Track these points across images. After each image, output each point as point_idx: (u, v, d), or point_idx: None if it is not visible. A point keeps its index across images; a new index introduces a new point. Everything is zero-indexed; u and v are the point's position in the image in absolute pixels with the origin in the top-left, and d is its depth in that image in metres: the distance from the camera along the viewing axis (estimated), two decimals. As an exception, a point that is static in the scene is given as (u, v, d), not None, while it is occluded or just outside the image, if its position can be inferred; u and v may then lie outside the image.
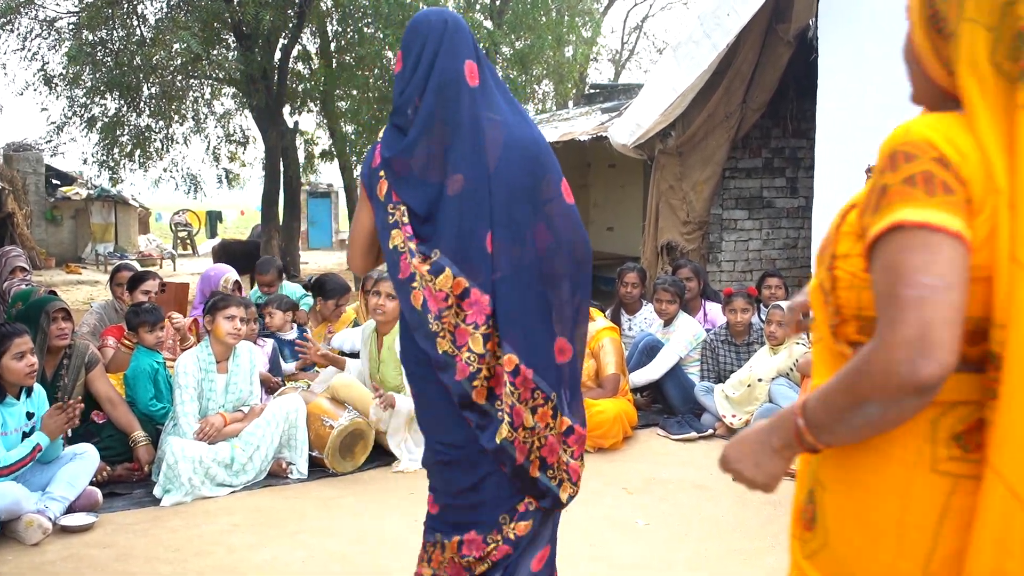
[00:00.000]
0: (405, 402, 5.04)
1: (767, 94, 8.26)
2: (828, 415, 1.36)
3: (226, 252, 16.11)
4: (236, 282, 6.55)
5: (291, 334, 6.25)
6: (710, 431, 5.88)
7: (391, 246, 2.44)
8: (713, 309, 6.92)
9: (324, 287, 6.65)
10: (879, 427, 1.33)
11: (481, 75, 2.43)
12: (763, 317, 5.98)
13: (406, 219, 2.41)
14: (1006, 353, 1.25)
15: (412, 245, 2.39)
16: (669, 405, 6.28)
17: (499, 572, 2.52)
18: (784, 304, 5.95)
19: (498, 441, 2.38)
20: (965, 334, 1.27)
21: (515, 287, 2.37)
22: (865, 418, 1.31)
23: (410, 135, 2.40)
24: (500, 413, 2.38)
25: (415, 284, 2.39)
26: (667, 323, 6.47)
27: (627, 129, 8.40)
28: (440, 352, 2.37)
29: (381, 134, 2.51)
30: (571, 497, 2.57)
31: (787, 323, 2.30)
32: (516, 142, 2.40)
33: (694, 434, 5.82)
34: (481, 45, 20.39)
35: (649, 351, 6.30)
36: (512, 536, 2.50)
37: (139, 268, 6.65)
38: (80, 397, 4.79)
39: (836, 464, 1.42)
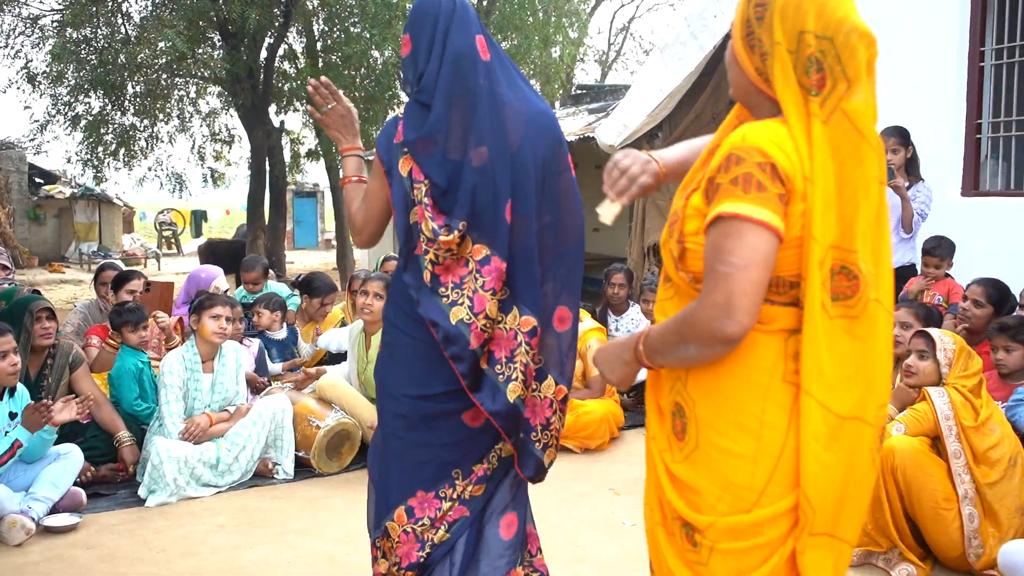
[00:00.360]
0: None
1: (754, 96, 8.28)
2: (661, 346, 1.81)
3: (212, 251, 16.06)
4: (226, 290, 6.53)
5: (280, 334, 6.23)
6: (696, 431, 5.88)
7: (411, 221, 2.48)
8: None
9: (311, 285, 6.62)
10: (695, 362, 1.78)
11: (492, 50, 2.51)
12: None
13: (427, 197, 2.45)
14: (804, 301, 1.69)
15: (434, 224, 2.43)
16: (656, 406, 6.28)
17: (460, 539, 2.53)
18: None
19: (511, 400, 2.45)
20: (791, 282, 1.71)
21: (529, 255, 2.47)
22: (686, 353, 1.76)
23: (434, 112, 2.45)
24: (502, 376, 2.46)
25: (428, 259, 2.44)
26: (654, 324, 6.46)
27: (614, 130, 8.41)
28: (454, 322, 2.42)
29: (401, 110, 2.56)
30: (551, 464, 2.63)
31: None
32: (534, 115, 2.50)
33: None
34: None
35: (636, 352, 6.29)
36: (467, 496, 2.52)
37: (123, 267, 6.61)
38: (66, 395, 4.75)
39: (705, 382, 1.79)
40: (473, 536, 2.56)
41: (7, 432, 4.19)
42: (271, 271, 7.84)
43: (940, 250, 5.31)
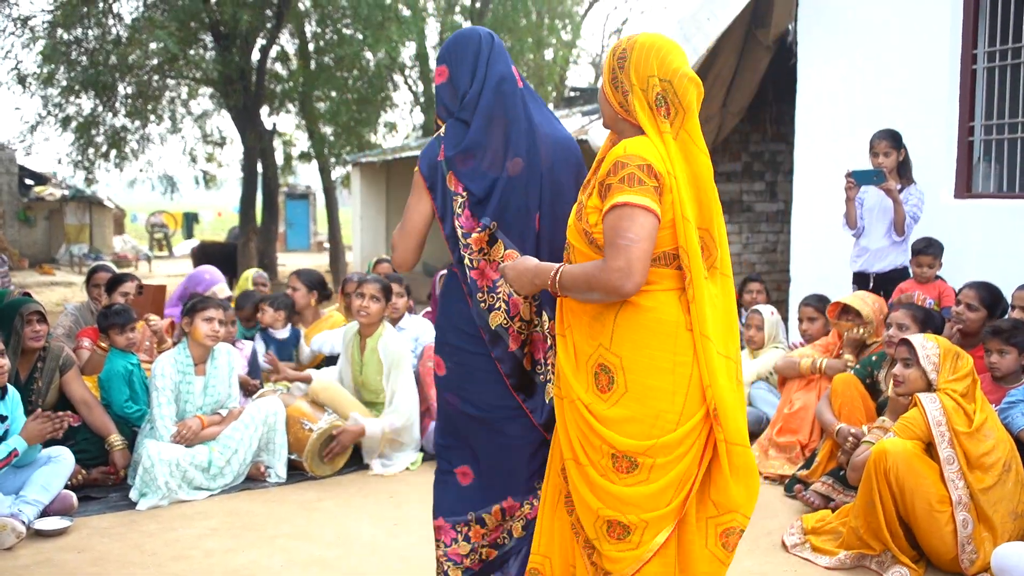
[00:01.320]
0: (375, 424, 5.07)
1: (746, 98, 8.30)
2: (571, 287, 2.38)
3: (205, 254, 16.01)
4: (228, 297, 6.52)
5: (282, 333, 6.20)
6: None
7: (456, 231, 2.71)
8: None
9: (304, 276, 6.64)
10: (593, 301, 2.39)
11: (522, 79, 2.79)
12: (743, 321, 5.99)
13: (464, 208, 2.70)
14: (691, 266, 2.31)
15: (467, 227, 2.69)
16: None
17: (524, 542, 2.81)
18: (763, 308, 5.97)
19: (547, 400, 2.72)
20: (673, 254, 2.34)
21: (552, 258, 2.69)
22: (589, 297, 2.36)
23: (473, 127, 2.70)
24: (542, 376, 2.74)
25: (471, 263, 2.70)
26: None
27: (605, 132, 8.41)
28: (494, 326, 2.69)
29: (443, 131, 2.77)
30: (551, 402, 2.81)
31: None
32: (561, 140, 2.78)
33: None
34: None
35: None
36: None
37: (116, 270, 6.57)
38: (56, 397, 4.73)
39: (628, 341, 2.35)
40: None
41: (-3, 435, 4.17)
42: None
43: (932, 249, 5.32)
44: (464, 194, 2.68)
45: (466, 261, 2.68)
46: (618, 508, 2.35)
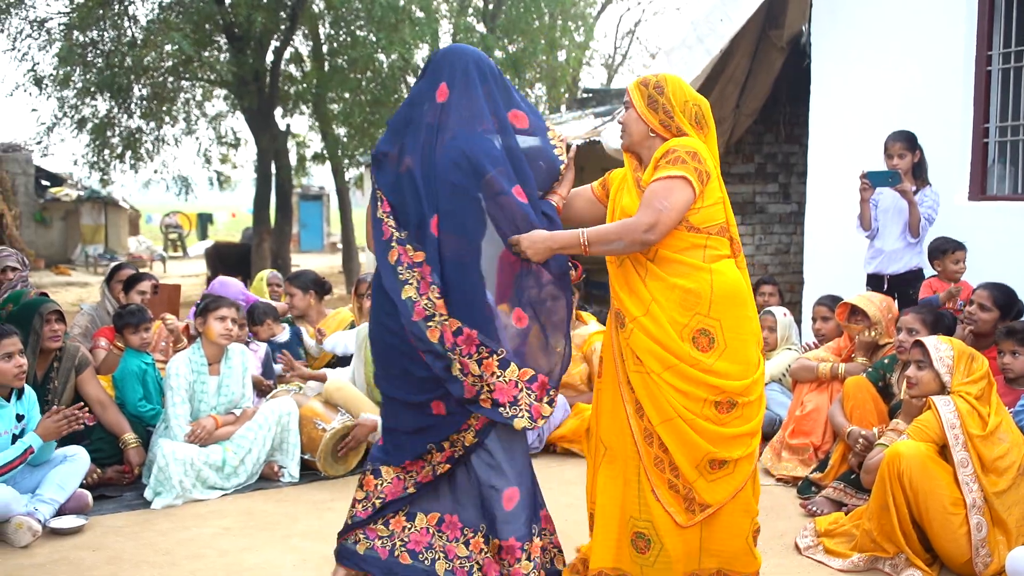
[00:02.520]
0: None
1: (760, 100, 8.28)
2: (599, 238, 2.99)
3: (219, 255, 16.08)
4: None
5: (283, 337, 6.21)
6: (702, 436, 5.88)
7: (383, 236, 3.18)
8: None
9: (297, 280, 6.65)
10: (616, 252, 3.03)
11: (451, 97, 3.12)
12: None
13: (388, 208, 3.16)
14: (735, 239, 3.10)
15: (398, 234, 3.13)
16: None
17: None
18: (775, 310, 5.95)
19: (453, 372, 3.06)
20: (724, 227, 3.06)
21: (457, 265, 3.06)
22: (613, 247, 2.98)
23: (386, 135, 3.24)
24: (451, 353, 3.06)
25: (393, 259, 3.13)
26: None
27: (620, 134, 8.40)
28: (407, 297, 3.08)
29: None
30: (527, 429, 3.13)
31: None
32: (465, 146, 3.06)
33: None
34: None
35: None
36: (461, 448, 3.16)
37: (136, 269, 6.61)
38: (72, 397, 4.76)
39: (724, 308, 2.97)
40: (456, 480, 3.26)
41: (15, 434, 4.19)
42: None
43: (958, 245, 5.33)
44: (383, 196, 3.17)
45: (392, 249, 3.13)
46: (723, 446, 2.97)
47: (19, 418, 4.25)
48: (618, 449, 3.12)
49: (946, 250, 5.37)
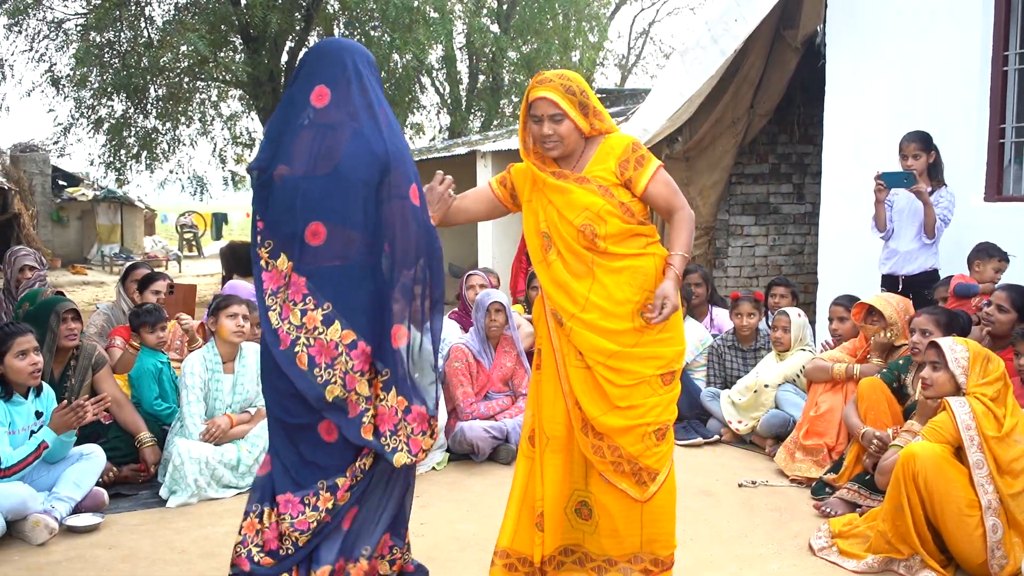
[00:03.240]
0: None
1: (774, 100, 8.25)
2: (689, 246, 3.18)
3: (234, 254, 16.10)
4: None
5: None
6: (716, 437, 5.87)
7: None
8: (720, 315, 6.90)
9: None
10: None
11: (333, 96, 2.87)
12: (770, 323, 5.96)
13: (261, 226, 2.92)
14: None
15: (267, 256, 2.88)
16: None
17: (319, 540, 2.90)
18: (789, 310, 5.94)
19: (329, 399, 2.82)
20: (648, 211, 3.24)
21: (351, 274, 2.83)
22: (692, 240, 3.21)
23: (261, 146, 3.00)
24: (320, 379, 2.81)
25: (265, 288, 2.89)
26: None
27: (634, 133, 8.39)
28: (272, 326, 2.85)
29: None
30: (408, 465, 2.93)
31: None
32: (360, 146, 2.84)
33: (700, 440, 5.81)
34: (487, 50, 20.31)
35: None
36: (329, 506, 2.88)
37: (152, 268, 6.64)
38: (88, 396, 4.79)
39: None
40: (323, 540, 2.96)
41: (33, 431, 4.23)
42: None
43: (1003, 256, 5.28)
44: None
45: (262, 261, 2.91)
46: (666, 414, 3.14)
47: (38, 415, 4.29)
48: (562, 439, 3.21)
49: (993, 255, 5.31)
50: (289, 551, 2.90)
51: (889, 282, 5.66)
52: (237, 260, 15.96)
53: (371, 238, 2.84)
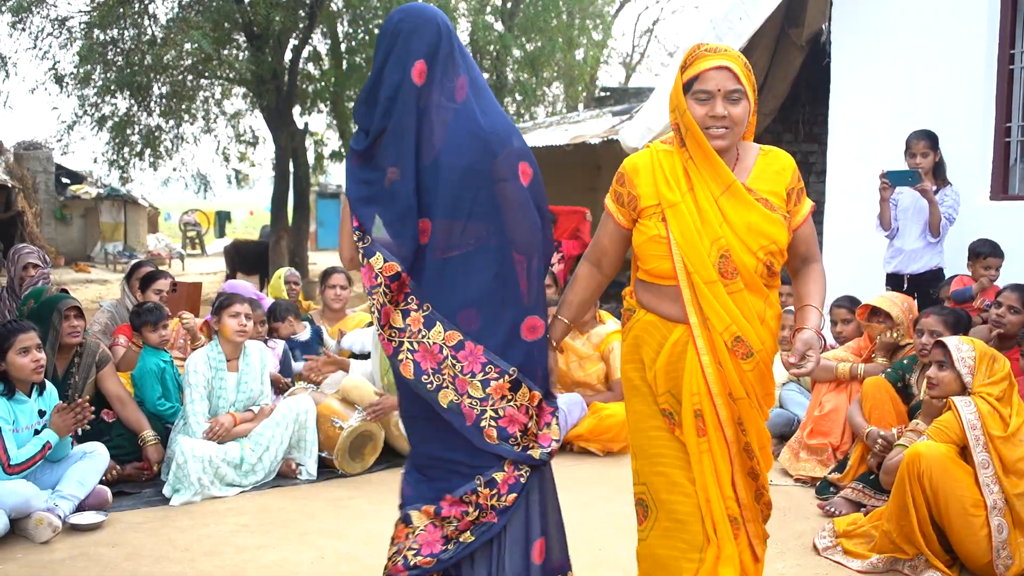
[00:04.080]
0: None
1: (779, 99, 8.24)
2: (822, 301, 2.77)
3: (238, 252, 16.13)
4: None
5: (304, 335, 6.24)
6: (720, 436, 5.85)
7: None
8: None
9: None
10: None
11: (430, 74, 2.54)
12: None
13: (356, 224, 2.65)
14: None
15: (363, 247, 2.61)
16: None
17: (485, 540, 2.64)
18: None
19: (444, 405, 2.57)
20: None
21: (462, 265, 2.55)
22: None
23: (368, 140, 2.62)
24: (430, 385, 2.58)
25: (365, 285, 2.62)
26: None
27: (638, 132, 8.37)
28: (378, 329, 2.63)
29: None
30: (544, 456, 2.66)
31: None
32: (463, 127, 2.53)
33: (704, 438, 5.79)
34: (491, 48, 20.28)
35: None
36: (496, 504, 2.61)
37: (156, 267, 6.65)
38: (88, 396, 4.79)
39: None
40: (500, 550, 2.68)
41: (37, 430, 4.22)
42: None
43: (993, 252, 5.26)
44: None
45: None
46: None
47: (41, 414, 4.28)
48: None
49: (981, 254, 5.29)
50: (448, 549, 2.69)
51: (894, 281, 5.65)
52: (241, 258, 15.98)
53: (479, 227, 2.55)
